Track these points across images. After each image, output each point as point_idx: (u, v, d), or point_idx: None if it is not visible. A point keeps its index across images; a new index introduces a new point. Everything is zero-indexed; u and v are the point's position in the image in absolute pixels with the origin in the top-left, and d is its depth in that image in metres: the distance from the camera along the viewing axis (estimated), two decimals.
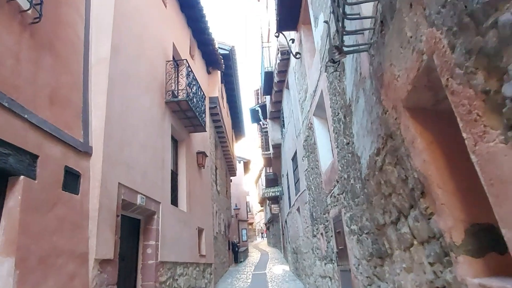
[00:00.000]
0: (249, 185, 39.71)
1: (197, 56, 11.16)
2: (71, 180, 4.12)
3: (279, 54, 9.87)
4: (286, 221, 15.27)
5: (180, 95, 7.93)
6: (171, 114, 7.76)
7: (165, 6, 8.32)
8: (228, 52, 13.24)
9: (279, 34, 8.06)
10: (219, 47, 12.32)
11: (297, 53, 8.13)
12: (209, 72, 12.55)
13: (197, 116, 8.23)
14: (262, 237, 47.81)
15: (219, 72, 13.06)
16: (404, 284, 2.62)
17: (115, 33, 5.26)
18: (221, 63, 12.23)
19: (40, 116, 3.68)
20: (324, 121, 6.65)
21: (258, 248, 31.96)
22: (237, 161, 25.70)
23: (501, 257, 1.67)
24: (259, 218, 46.66)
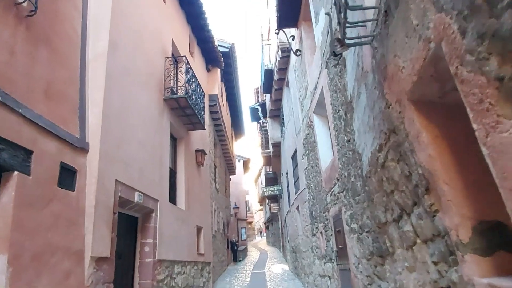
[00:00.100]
0: (249, 184, 39.69)
1: (197, 53, 11.08)
2: (67, 176, 4.05)
3: (279, 51, 9.80)
4: (285, 220, 15.21)
5: (179, 92, 7.86)
6: (169, 111, 7.69)
7: (164, 2, 8.25)
8: (227, 49, 13.15)
9: (279, 31, 8.01)
10: (218, 45, 12.23)
11: (297, 50, 8.07)
12: (208, 69, 12.46)
13: (196, 113, 8.16)
14: (261, 236, 47.80)
15: (218, 69, 12.98)
16: (406, 283, 2.55)
17: (113, 29, 5.19)
18: (220, 60, 12.14)
19: (35, 110, 3.61)
20: (324, 119, 6.59)
21: (257, 247, 31.95)
22: (237, 160, 25.65)
23: (511, 255, 1.60)
24: (259, 217, 46.65)
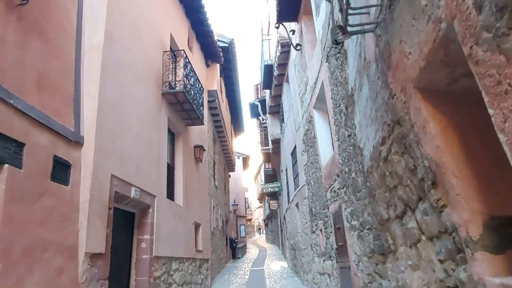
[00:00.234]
0: (248, 181, 39.65)
1: (196, 48, 10.94)
2: (61, 170, 3.94)
3: (279, 46, 9.67)
4: (284, 217, 15.14)
5: (177, 87, 7.73)
6: (167, 106, 7.57)
7: None
8: (227, 45, 13.00)
9: (279, 25, 7.87)
10: (218, 40, 12.08)
11: (297, 45, 7.94)
12: (207, 65, 12.32)
13: (195, 108, 8.05)
14: (259, 233, 47.82)
15: (218, 65, 12.83)
16: (409, 282, 2.45)
17: (109, 20, 5.07)
18: (220, 55, 12.00)
19: (27, 102, 3.50)
20: (324, 114, 6.48)
21: (256, 244, 31.95)
22: (236, 157, 25.56)
23: None
24: (258, 214, 46.65)
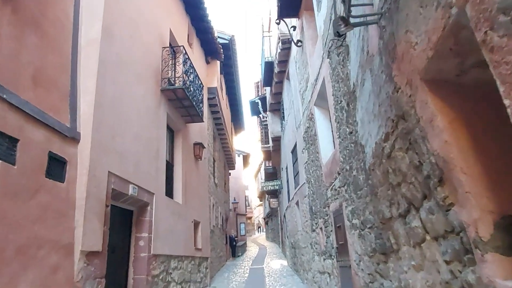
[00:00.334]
0: (248, 179, 39.59)
1: (196, 44, 10.84)
2: (56, 166, 3.87)
3: (280, 43, 9.57)
4: (284, 216, 15.07)
5: (176, 83, 7.65)
6: (167, 102, 7.49)
7: None
8: (227, 41, 12.89)
9: (280, 21, 7.77)
10: (218, 36, 11.98)
11: (298, 41, 7.84)
12: (208, 62, 12.22)
13: (194, 105, 7.96)
14: (259, 231, 47.80)
15: (218, 62, 12.73)
16: (412, 283, 2.37)
17: (106, 14, 4.98)
18: (220, 52, 11.90)
19: (21, 97, 3.42)
20: (325, 111, 6.39)
21: (256, 242, 31.93)
22: (236, 155, 25.48)
23: None
24: (258, 212, 46.62)
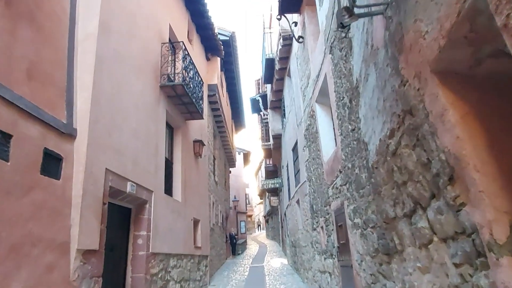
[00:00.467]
0: (249, 177, 39.51)
1: (196, 41, 10.73)
2: (52, 163, 3.78)
3: (281, 39, 9.45)
4: (285, 214, 14.99)
5: (176, 80, 7.54)
6: (166, 99, 7.39)
7: None
8: (228, 38, 12.76)
9: (281, 16, 7.65)
10: (219, 33, 11.85)
11: (299, 37, 7.73)
12: (208, 58, 12.11)
13: (194, 102, 7.86)
14: (259, 229, 47.79)
15: (218, 59, 12.62)
16: (418, 285, 2.28)
17: (104, 8, 4.88)
18: (220, 49, 11.78)
19: (15, 91, 3.33)
20: (327, 108, 6.29)
21: (256, 240, 31.89)
22: (237, 152, 25.38)
23: None
24: (259, 210, 46.57)
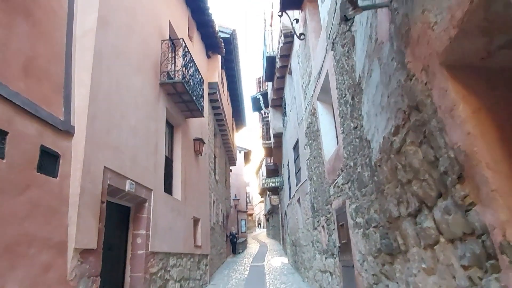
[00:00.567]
0: (250, 176, 39.46)
1: (196, 38, 10.65)
2: (49, 161, 3.71)
3: (282, 37, 9.36)
4: (285, 213, 14.93)
5: (176, 77, 7.47)
6: (166, 96, 7.31)
7: None
8: (229, 36, 12.67)
9: (282, 13, 7.56)
10: (219, 31, 11.77)
11: (301, 34, 7.64)
12: (208, 56, 12.02)
13: (194, 100, 7.79)
14: (260, 228, 47.76)
15: (219, 56, 12.53)
16: (422, 287, 2.21)
17: (102, 4, 4.80)
18: (221, 46, 11.69)
19: (10, 87, 3.26)
20: (328, 106, 6.21)
21: (257, 239, 31.85)
22: (238, 151, 25.31)
23: None
24: (259, 209, 46.51)
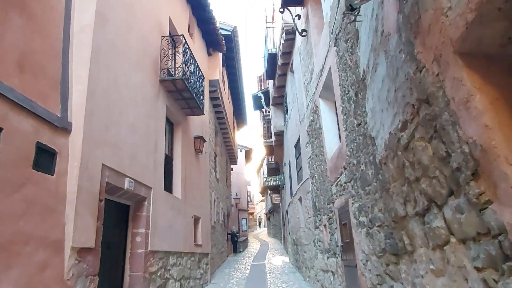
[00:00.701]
0: (251, 175, 39.40)
1: (197, 35, 10.55)
2: (45, 158, 3.63)
3: (284, 34, 9.25)
4: (287, 211, 14.84)
5: (176, 74, 7.38)
6: (166, 94, 7.22)
7: None
8: (229, 33, 12.57)
9: (284, 9, 7.44)
10: (220, 28, 11.66)
11: (303, 30, 7.53)
12: (209, 53, 11.92)
13: (195, 97, 7.70)
14: (261, 227, 47.71)
15: (220, 54, 12.43)
16: None
17: None
18: (222, 44, 11.58)
19: (5, 83, 3.18)
20: (330, 103, 6.11)
21: (258, 238, 31.79)
22: (238, 150, 25.22)
23: None
24: (260, 208, 46.45)
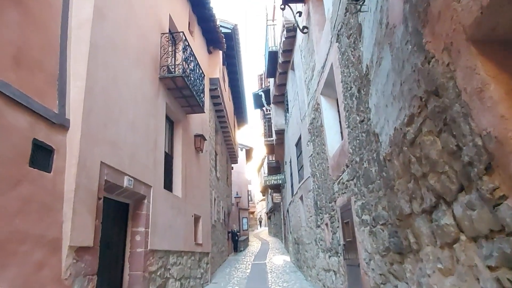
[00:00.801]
0: (251, 174, 39.35)
1: (197, 33, 10.47)
2: (42, 155, 3.56)
3: (285, 31, 9.17)
4: (288, 210, 14.77)
5: (176, 71, 7.30)
6: (166, 91, 7.15)
7: None
8: (230, 31, 12.49)
9: (285, 6, 7.34)
10: (220, 25, 11.58)
11: (304, 27, 7.44)
12: (210, 51, 11.84)
13: (195, 95, 7.62)
14: (261, 226, 47.67)
15: (220, 52, 12.35)
16: None
17: None
18: (222, 42, 11.51)
19: (1, 78, 3.11)
20: (332, 101, 6.03)
21: (258, 237, 31.73)
22: (239, 148, 25.14)
23: None
24: (261, 207, 46.40)
